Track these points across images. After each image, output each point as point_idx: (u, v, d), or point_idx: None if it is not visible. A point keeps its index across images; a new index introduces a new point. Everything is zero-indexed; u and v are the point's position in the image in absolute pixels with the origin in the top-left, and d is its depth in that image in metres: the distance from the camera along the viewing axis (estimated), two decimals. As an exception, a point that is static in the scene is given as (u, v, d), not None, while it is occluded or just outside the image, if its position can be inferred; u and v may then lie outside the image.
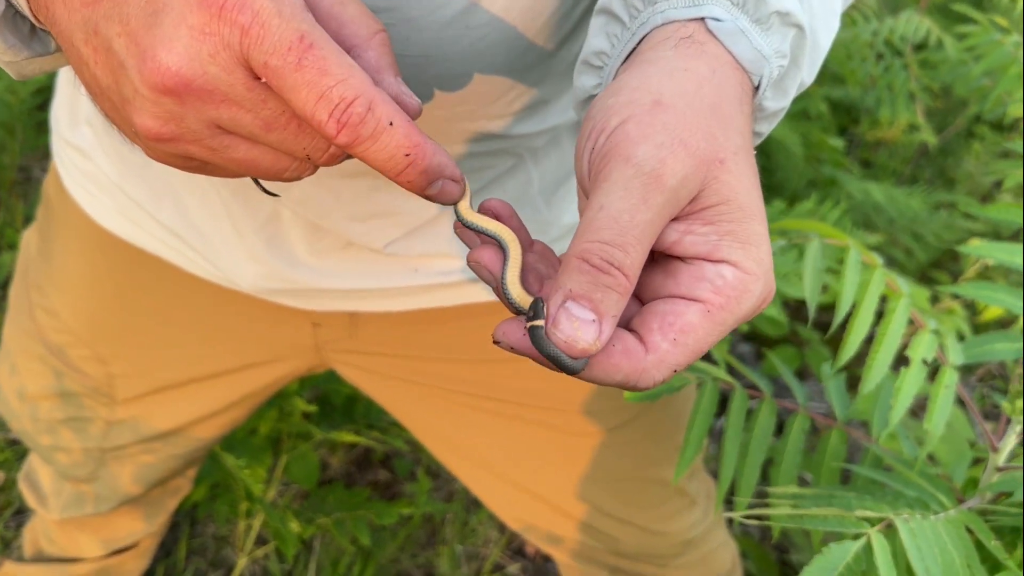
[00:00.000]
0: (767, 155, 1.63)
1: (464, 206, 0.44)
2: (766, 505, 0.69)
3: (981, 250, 0.72)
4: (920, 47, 1.49)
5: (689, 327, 0.38)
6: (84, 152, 0.73)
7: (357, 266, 0.68)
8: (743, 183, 0.40)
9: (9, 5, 0.44)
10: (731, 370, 0.84)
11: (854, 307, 0.61)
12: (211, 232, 0.70)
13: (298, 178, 0.44)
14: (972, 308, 1.44)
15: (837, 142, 1.27)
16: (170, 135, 0.39)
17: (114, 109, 0.42)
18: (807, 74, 0.49)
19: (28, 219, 2.01)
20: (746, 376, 0.82)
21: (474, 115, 0.59)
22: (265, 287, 0.70)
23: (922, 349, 0.64)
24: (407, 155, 0.39)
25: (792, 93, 0.48)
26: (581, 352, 0.36)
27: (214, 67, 0.37)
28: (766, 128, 0.49)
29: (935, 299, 1.33)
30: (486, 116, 0.60)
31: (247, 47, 0.36)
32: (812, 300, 0.61)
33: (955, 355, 0.68)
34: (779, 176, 1.53)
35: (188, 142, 0.39)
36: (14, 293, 0.83)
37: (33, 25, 0.46)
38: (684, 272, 0.39)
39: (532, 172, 0.67)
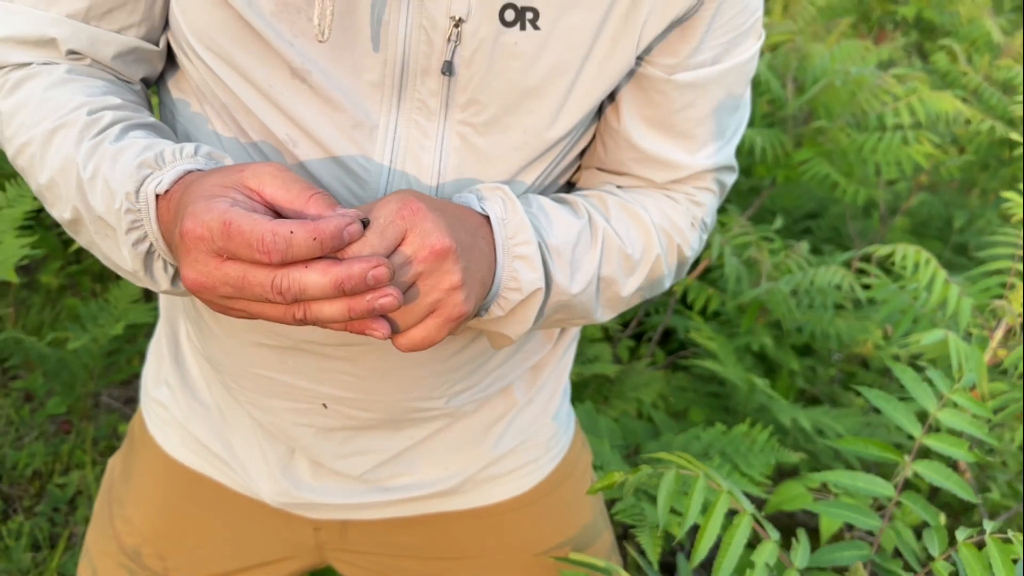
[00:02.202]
0: (723, 384, 1.89)
1: None
2: None
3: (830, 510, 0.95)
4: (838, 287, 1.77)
5: None
6: (161, 403, 1.01)
7: (343, 487, 0.92)
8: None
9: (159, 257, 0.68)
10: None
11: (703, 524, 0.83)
12: (246, 460, 0.95)
13: (295, 323, 0.60)
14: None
15: (762, 382, 1.53)
16: (212, 299, 0.61)
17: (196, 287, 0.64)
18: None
19: (96, 442, 2.30)
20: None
21: (420, 399, 0.86)
22: (280, 500, 0.93)
23: (765, 555, 0.85)
24: (314, 239, 0.55)
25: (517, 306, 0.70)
26: None
27: (203, 266, 0.58)
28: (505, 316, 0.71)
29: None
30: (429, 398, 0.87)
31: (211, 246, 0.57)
32: (662, 520, 0.83)
33: (800, 560, 0.89)
34: (732, 402, 1.78)
35: (218, 299, 0.60)
36: (98, 506, 1.08)
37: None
38: None
39: (464, 422, 0.93)
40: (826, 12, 3.87)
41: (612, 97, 0.79)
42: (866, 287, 1.72)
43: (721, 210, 2.86)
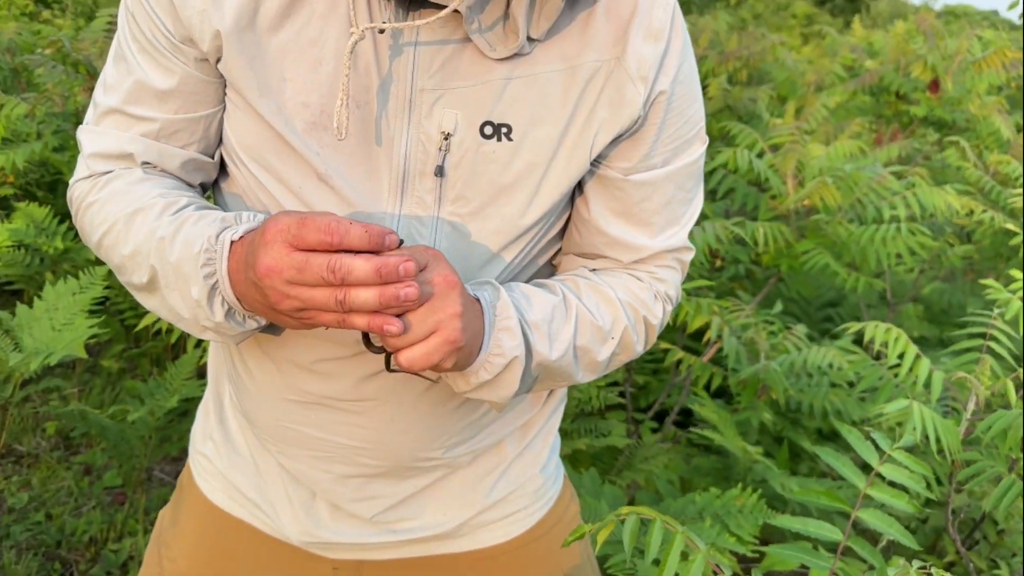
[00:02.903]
0: (722, 454, 2.01)
1: None
2: None
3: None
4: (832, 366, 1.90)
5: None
6: (206, 456, 1.17)
7: (357, 529, 1.05)
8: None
9: (228, 306, 0.82)
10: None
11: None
12: (276, 503, 1.08)
13: (336, 308, 0.73)
14: None
15: (755, 450, 1.66)
16: (276, 283, 0.75)
17: (270, 312, 0.79)
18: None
19: (147, 512, 2.47)
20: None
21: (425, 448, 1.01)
22: (303, 540, 1.06)
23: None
24: (365, 232, 0.71)
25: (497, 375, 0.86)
26: None
27: (276, 253, 0.73)
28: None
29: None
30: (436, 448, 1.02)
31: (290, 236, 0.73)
32: (628, 554, 0.97)
33: (759, 594, 1.02)
34: (732, 472, 1.90)
35: (281, 285, 0.75)
36: (148, 552, 1.22)
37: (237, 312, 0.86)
38: None
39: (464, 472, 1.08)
40: (838, 113, 4.08)
41: (582, 192, 0.97)
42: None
43: (730, 294, 3.01)
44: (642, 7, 0.87)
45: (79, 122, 3.24)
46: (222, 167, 0.98)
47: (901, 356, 1.55)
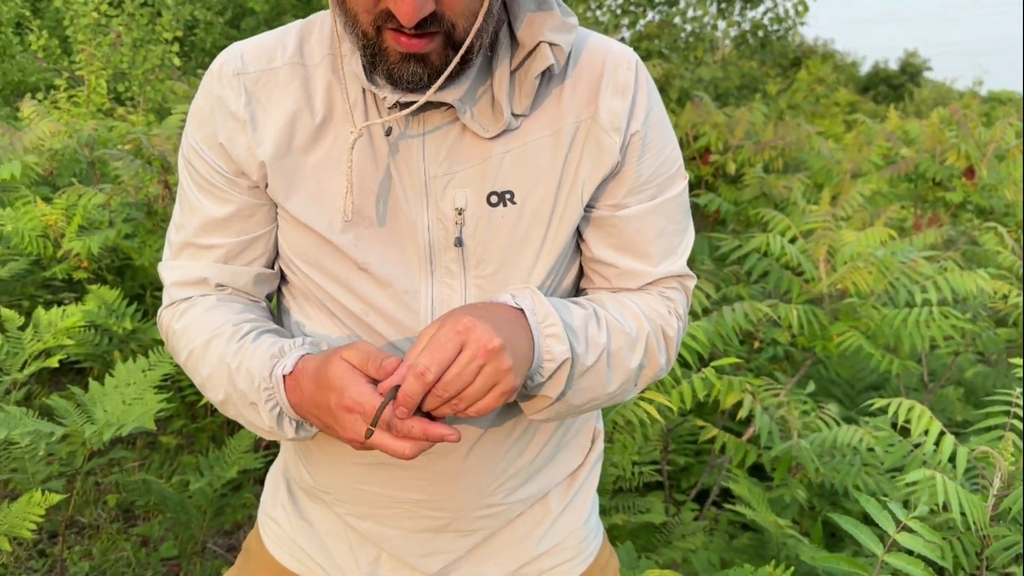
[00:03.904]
0: (758, 532, 2.05)
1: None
2: None
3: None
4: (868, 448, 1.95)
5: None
6: (276, 520, 1.26)
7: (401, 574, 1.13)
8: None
9: (297, 423, 0.98)
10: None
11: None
12: (342, 563, 1.16)
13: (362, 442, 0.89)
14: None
15: (785, 522, 1.71)
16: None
17: (341, 437, 0.91)
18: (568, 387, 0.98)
19: (201, 582, 2.56)
20: None
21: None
22: None
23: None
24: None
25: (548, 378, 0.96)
26: None
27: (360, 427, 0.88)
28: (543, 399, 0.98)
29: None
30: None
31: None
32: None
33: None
34: (766, 549, 1.94)
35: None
36: None
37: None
38: None
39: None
40: (876, 200, 4.16)
41: (583, 238, 1.09)
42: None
43: (768, 376, 3.05)
44: (608, 70, 1.01)
45: (150, 212, 3.48)
46: (283, 274, 1.13)
47: (926, 433, 1.61)
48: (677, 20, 11.15)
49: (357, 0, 0.89)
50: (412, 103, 0.95)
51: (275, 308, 1.18)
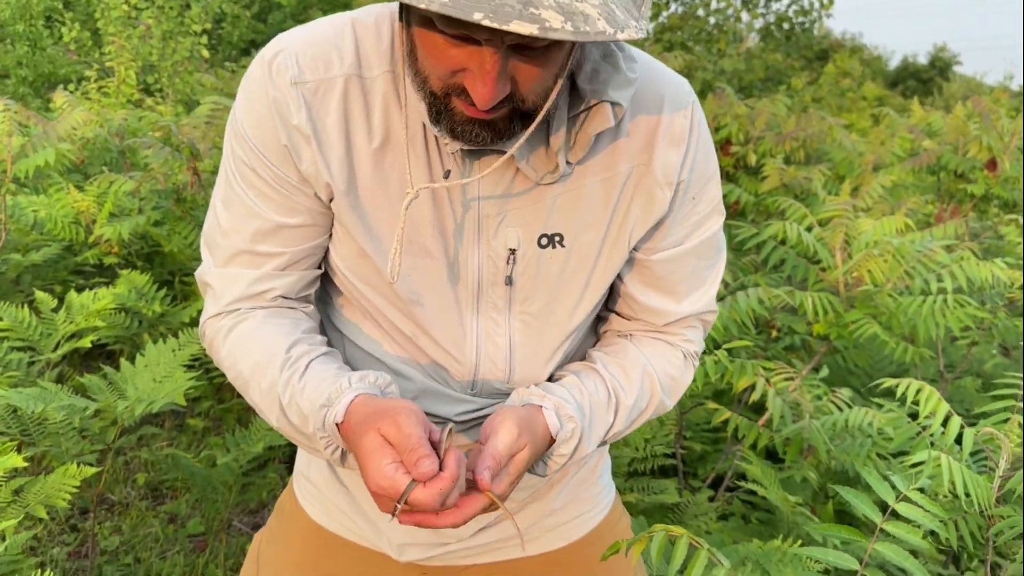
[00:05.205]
0: (770, 513, 2.09)
1: None
2: None
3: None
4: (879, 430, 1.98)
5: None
6: (312, 482, 1.28)
7: (447, 537, 1.17)
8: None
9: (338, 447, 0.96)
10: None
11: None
12: (376, 521, 1.18)
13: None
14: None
15: (795, 499, 1.74)
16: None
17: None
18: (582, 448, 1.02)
19: (226, 558, 2.63)
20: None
21: None
22: (399, 548, 1.17)
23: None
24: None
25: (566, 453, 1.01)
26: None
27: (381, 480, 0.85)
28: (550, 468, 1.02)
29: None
30: None
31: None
32: (655, 567, 1.08)
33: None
34: (778, 529, 1.98)
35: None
36: (246, 569, 1.33)
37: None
38: None
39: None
40: (897, 192, 4.16)
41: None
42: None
43: (784, 363, 3.08)
44: (664, 119, 1.02)
45: (179, 199, 3.56)
46: (329, 283, 1.13)
47: (934, 415, 1.64)
48: (700, 12, 11.13)
49: (430, 65, 0.87)
50: (471, 149, 0.96)
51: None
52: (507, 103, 0.87)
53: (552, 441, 0.99)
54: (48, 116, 4.93)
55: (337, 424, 0.93)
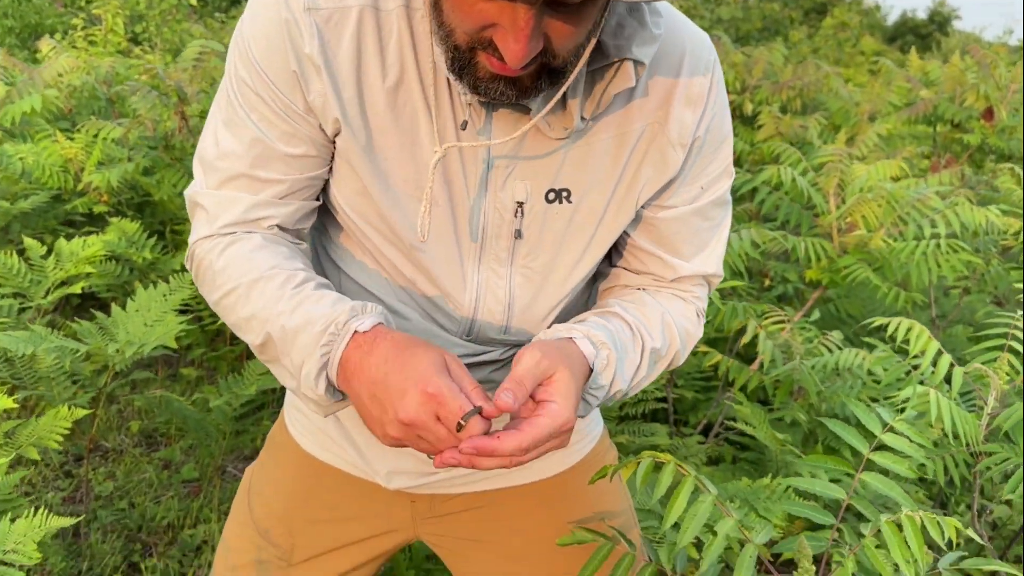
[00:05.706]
0: (762, 452, 2.10)
1: None
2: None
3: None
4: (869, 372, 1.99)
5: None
6: (303, 412, 1.27)
7: (423, 467, 1.18)
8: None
9: (329, 383, 0.92)
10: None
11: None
12: (365, 449, 1.19)
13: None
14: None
15: (783, 437, 1.75)
16: (399, 440, 0.90)
17: (373, 423, 0.88)
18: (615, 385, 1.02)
19: (220, 503, 2.65)
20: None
21: None
22: (388, 475, 1.18)
23: (726, 528, 1.09)
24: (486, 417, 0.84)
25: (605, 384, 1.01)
26: None
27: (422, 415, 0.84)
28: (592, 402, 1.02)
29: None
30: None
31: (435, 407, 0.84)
32: (639, 491, 1.08)
33: (761, 537, 1.12)
34: (765, 468, 1.99)
35: (405, 440, 0.90)
36: (237, 501, 1.34)
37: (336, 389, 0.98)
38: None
39: None
40: (892, 142, 4.14)
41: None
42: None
43: (766, 300, 3.09)
44: (683, 78, 0.99)
45: (168, 146, 3.52)
46: (325, 212, 1.11)
47: (924, 354, 1.64)
48: (698, -38, 10.96)
49: (458, 18, 0.83)
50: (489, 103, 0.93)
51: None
52: (536, 60, 0.84)
53: (590, 371, 0.98)
54: (34, 66, 4.86)
55: (356, 332, 0.91)
